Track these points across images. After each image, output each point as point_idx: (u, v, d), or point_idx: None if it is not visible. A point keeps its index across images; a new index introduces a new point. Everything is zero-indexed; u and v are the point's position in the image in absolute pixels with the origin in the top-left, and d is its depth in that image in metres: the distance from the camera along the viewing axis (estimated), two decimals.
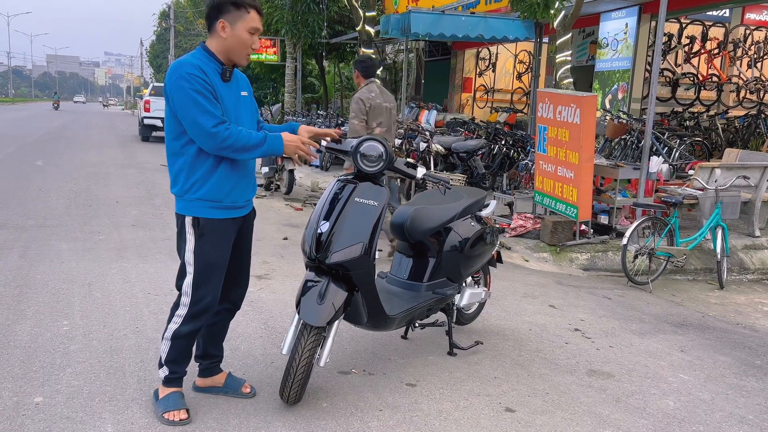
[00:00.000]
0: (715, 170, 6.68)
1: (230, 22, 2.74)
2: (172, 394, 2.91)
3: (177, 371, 2.92)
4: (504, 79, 17.10)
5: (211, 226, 2.80)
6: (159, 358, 2.93)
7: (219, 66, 2.78)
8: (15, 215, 7.17)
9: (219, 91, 2.74)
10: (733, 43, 13.10)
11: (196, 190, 2.77)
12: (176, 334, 2.85)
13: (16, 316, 4.02)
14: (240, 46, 2.77)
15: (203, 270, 2.82)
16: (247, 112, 2.94)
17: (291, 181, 9.72)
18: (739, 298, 5.94)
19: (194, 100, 2.64)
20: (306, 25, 17.10)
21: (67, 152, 14.73)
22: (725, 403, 3.45)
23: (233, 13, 2.73)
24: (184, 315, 2.84)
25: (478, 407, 3.18)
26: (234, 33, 2.75)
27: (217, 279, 2.88)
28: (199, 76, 2.66)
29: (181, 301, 2.85)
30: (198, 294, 2.83)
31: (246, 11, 2.75)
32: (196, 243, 2.80)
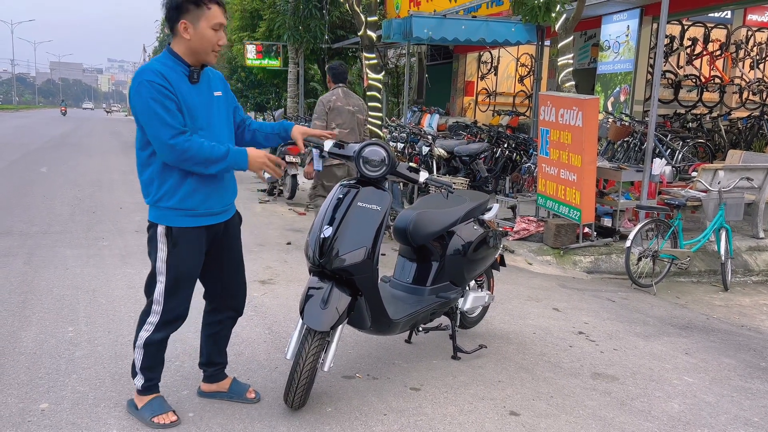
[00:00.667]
0: (718, 172, 6.67)
1: (192, 22, 2.63)
2: (154, 400, 2.91)
3: (153, 378, 2.91)
4: (506, 82, 17.12)
5: (185, 235, 2.74)
6: (132, 367, 2.90)
7: (185, 68, 2.68)
8: (19, 222, 7.20)
9: (186, 96, 2.65)
10: (735, 44, 13.10)
11: (168, 199, 2.70)
12: (148, 342, 2.81)
13: (21, 323, 4.03)
14: (205, 45, 2.66)
15: (175, 279, 2.77)
16: (221, 113, 2.85)
17: (294, 186, 9.74)
18: (743, 300, 5.92)
19: (152, 109, 2.55)
20: (308, 31, 17.14)
21: (70, 159, 14.79)
22: (730, 405, 3.44)
23: (194, 12, 2.62)
24: (156, 323, 2.80)
25: (483, 411, 3.18)
26: (197, 32, 2.64)
27: (190, 287, 2.85)
28: (159, 83, 2.57)
29: (153, 309, 2.80)
30: (170, 302, 2.79)
31: (207, 8, 2.63)
32: (169, 253, 2.74)
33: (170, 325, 2.84)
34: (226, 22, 2.72)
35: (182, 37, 2.66)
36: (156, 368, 2.91)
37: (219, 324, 3.08)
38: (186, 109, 2.66)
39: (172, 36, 2.71)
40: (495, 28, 10.85)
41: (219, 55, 2.77)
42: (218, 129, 2.80)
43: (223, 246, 2.93)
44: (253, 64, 20.42)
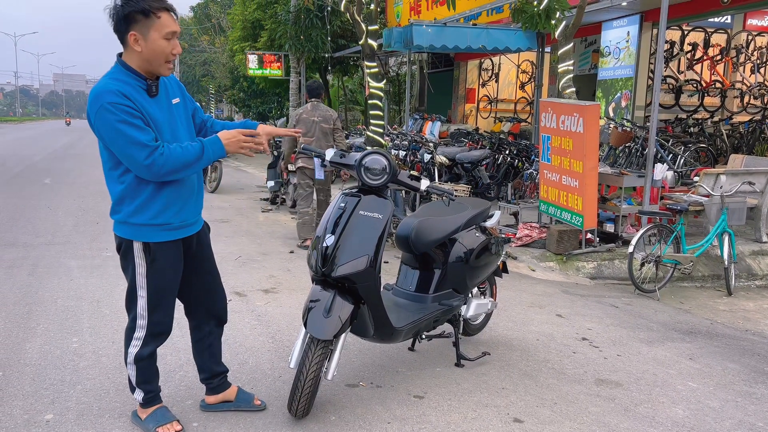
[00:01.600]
0: (720, 176, 6.67)
1: (142, 33, 2.50)
2: (157, 410, 2.91)
3: (151, 390, 2.91)
4: (507, 89, 17.15)
5: (162, 249, 2.71)
6: (129, 383, 2.90)
7: (143, 82, 2.58)
8: (24, 233, 7.23)
9: (148, 110, 2.57)
10: (735, 49, 13.12)
11: (143, 215, 2.65)
12: (138, 357, 2.80)
13: (26, 334, 4.05)
14: (158, 56, 2.54)
15: (156, 293, 2.75)
16: (183, 121, 2.79)
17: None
18: (747, 304, 5.91)
19: (121, 132, 2.46)
20: (309, 40, 17.23)
21: (74, 170, 14.85)
22: (735, 410, 3.43)
23: (143, 22, 2.48)
24: (142, 337, 2.78)
25: (487, 418, 3.18)
26: (148, 44, 2.51)
27: (171, 299, 2.84)
28: (122, 103, 2.46)
29: (138, 324, 2.78)
30: (154, 316, 2.77)
31: (156, 17, 2.49)
32: (148, 268, 2.71)
33: (157, 338, 2.83)
34: (179, 29, 2.59)
35: (133, 50, 2.53)
36: (152, 380, 2.90)
37: (208, 336, 3.06)
38: (152, 124, 2.58)
39: (123, 46, 2.58)
40: (495, 36, 10.91)
41: (171, 67, 2.64)
42: (183, 139, 2.73)
43: (196, 256, 2.90)
44: (255, 74, 20.52)
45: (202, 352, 3.08)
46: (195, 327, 3.06)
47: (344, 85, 23.72)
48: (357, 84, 23.71)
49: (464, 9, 12.65)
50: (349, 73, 22.09)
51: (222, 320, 3.10)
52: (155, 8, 2.49)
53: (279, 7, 17.98)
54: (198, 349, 3.08)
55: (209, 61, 31.80)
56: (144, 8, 2.47)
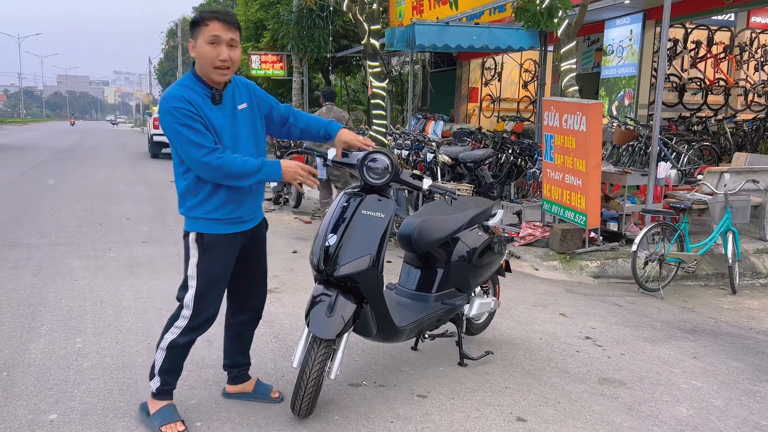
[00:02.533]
0: (724, 175, 6.65)
1: (195, 40, 2.72)
2: (165, 408, 2.94)
3: (169, 382, 2.95)
4: (510, 88, 17.13)
5: (214, 241, 2.83)
6: (151, 368, 2.95)
7: (207, 90, 2.75)
8: (28, 234, 7.26)
9: (209, 117, 2.72)
10: (739, 46, 13.07)
11: (199, 209, 2.80)
12: (173, 344, 2.87)
13: (30, 334, 4.06)
14: (204, 61, 2.69)
15: (206, 285, 2.85)
16: (247, 127, 2.90)
17: (299, 195, 9.78)
18: (752, 302, 5.89)
19: (181, 133, 2.64)
20: (312, 40, 17.25)
21: (78, 171, 14.90)
22: (739, 409, 3.42)
23: (196, 30, 2.71)
24: (183, 327, 2.87)
25: (490, 417, 3.17)
26: (197, 50, 2.71)
27: (219, 293, 2.94)
28: (184, 107, 2.64)
29: (182, 313, 2.87)
30: (199, 307, 2.86)
31: (204, 24, 2.68)
32: (200, 258, 2.83)
33: (197, 329, 2.91)
34: (228, 36, 2.69)
35: (193, 56, 2.76)
36: (174, 373, 2.96)
37: (240, 325, 3.18)
38: (213, 130, 2.73)
39: None
40: (498, 35, 10.89)
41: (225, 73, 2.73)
42: (244, 145, 2.86)
43: (248, 251, 3.01)
44: (258, 74, 20.55)
45: (232, 338, 3.20)
46: (231, 313, 3.19)
47: (347, 85, 23.73)
48: (359, 84, 23.72)
49: (466, 8, 12.64)
50: (351, 73, 22.10)
51: (258, 314, 3.22)
52: (206, 17, 2.70)
53: (281, 7, 18.02)
54: (229, 333, 3.21)
55: None
56: (197, 18, 2.73)
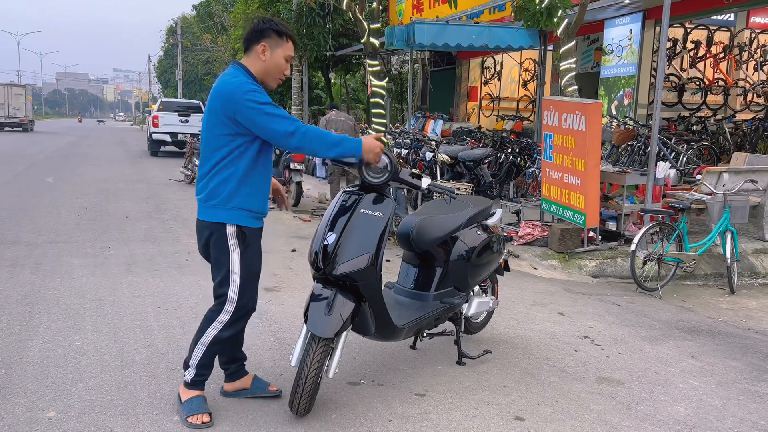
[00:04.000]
0: (722, 174, 6.66)
1: (271, 47, 2.94)
2: (196, 398, 3.02)
3: (204, 374, 3.06)
4: (509, 87, 17.12)
5: (253, 235, 2.98)
6: (187, 360, 3.02)
7: (258, 87, 2.92)
8: (26, 232, 7.25)
9: None
10: (738, 46, 13.07)
11: (242, 200, 2.91)
12: (217, 339, 2.98)
13: (28, 332, 4.06)
14: (276, 70, 2.97)
15: (248, 277, 2.97)
16: None
17: (299, 193, 9.77)
18: (750, 302, 5.90)
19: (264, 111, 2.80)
20: (311, 38, 17.23)
21: (77, 169, 14.89)
22: (737, 408, 3.43)
23: (274, 39, 2.94)
24: (227, 320, 2.96)
25: (488, 416, 3.18)
26: (273, 57, 2.95)
27: (257, 284, 3.08)
28: (258, 90, 2.85)
29: (225, 308, 2.96)
30: (243, 300, 2.97)
31: (285, 40, 2.96)
32: (242, 253, 2.93)
33: (240, 321, 3.02)
34: (294, 58, 3.05)
35: (258, 58, 2.95)
36: (209, 366, 3.05)
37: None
38: None
39: (245, 54, 3.00)
40: (497, 34, 10.88)
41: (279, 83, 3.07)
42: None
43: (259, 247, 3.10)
44: None
45: None
46: None
47: (346, 84, 23.71)
48: (359, 82, 23.71)
49: (466, 7, 12.63)
50: (351, 72, 22.08)
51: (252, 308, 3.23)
52: (287, 33, 2.99)
53: (281, 5, 17.98)
54: None
55: (211, 59, 31.81)
56: (279, 30, 2.97)
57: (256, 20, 3.04)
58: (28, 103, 36.38)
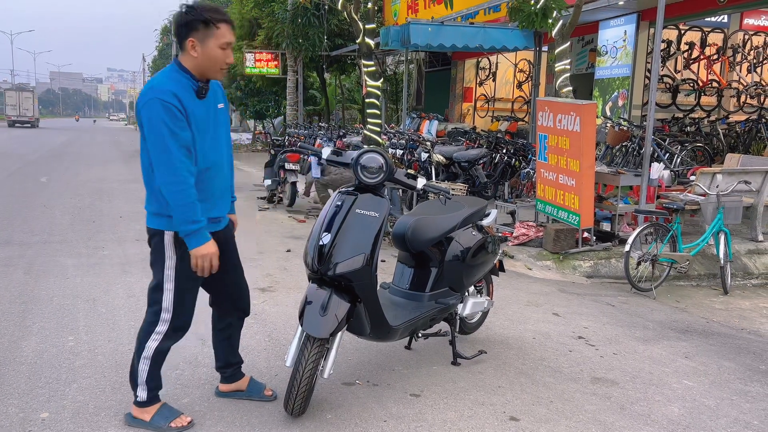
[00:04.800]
0: (716, 175, 6.68)
1: (200, 41, 2.67)
2: (162, 408, 2.95)
3: (157, 386, 2.95)
4: (504, 88, 17.15)
5: None
6: (133, 378, 2.89)
7: (194, 84, 2.73)
8: (20, 232, 7.21)
9: (194, 110, 2.70)
10: (732, 48, 13.13)
11: None
12: (158, 351, 2.84)
13: (21, 333, 4.04)
14: (212, 63, 2.72)
15: (184, 287, 2.81)
16: (225, 126, 2.96)
17: (294, 194, 9.76)
18: (743, 303, 5.92)
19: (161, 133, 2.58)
20: (306, 39, 17.22)
21: (71, 168, 14.82)
22: (730, 408, 3.44)
23: (202, 31, 2.66)
24: (165, 331, 2.83)
25: (483, 417, 3.18)
26: (205, 51, 2.68)
27: (196, 293, 2.92)
28: (171, 103, 2.59)
29: (161, 318, 2.82)
30: (181, 309, 2.84)
31: (215, 27, 2.67)
32: (179, 261, 2.78)
33: (179, 332, 2.90)
34: (234, 40, 2.77)
35: (190, 55, 2.70)
36: (158, 377, 2.95)
37: (229, 327, 3.18)
38: (194, 123, 2.71)
39: (180, 50, 2.74)
40: (493, 35, 10.90)
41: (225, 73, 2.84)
42: (221, 141, 2.90)
43: (224, 252, 2.94)
44: (252, 72, 20.49)
45: (223, 340, 3.19)
46: (220, 317, 3.18)
47: (341, 84, 23.70)
48: (354, 82, 23.71)
49: (461, 8, 12.64)
50: (346, 72, 22.08)
51: (245, 313, 3.21)
52: (216, 19, 2.67)
53: (276, 5, 17.97)
54: (219, 337, 3.19)
55: None
56: (205, 18, 2.65)
57: (179, 10, 2.71)
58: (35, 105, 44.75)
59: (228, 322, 3.16)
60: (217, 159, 2.86)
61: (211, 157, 2.81)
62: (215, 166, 2.85)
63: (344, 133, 13.87)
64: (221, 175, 2.90)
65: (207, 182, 2.80)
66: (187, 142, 2.66)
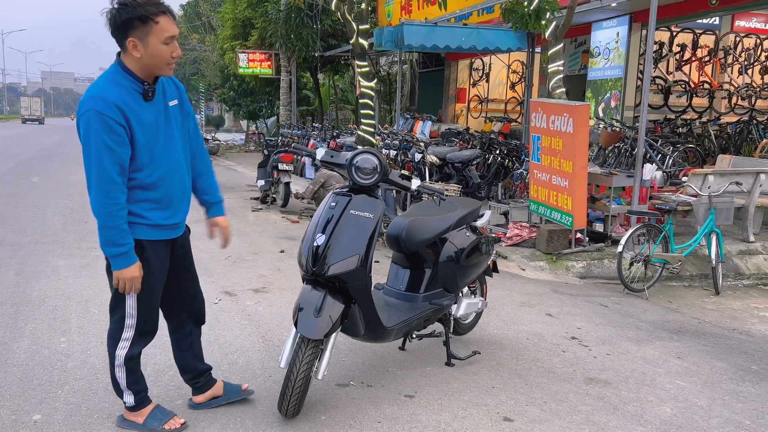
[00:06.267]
0: (708, 176, 6.73)
1: (140, 39, 2.47)
2: (155, 410, 2.91)
3: (142, 389, 2.89)
4: (498, 89, 17.19)
5: (153, 247, 2.71)
6: (116, 386, 2.85)
7: (139, 86, 2.56)
8: (11, 232, 7.17)
9: (139, 115, 2.56)
10: (723, 50, 13.23)
11: (139, 210, 2.65)
12: (129, 357, 2.76)
13: (13, 334, 4.02)
14: (158, 61, 2.53)
15: (146, 292, 2.72)
16: (179, 125, 2.78)
17: (287, 194, 9.74)
18: (734, 303, 5.96)
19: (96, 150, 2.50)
20: (300, 39, 17.20)
21: (62, 168, 14.73)
22: (722, 408, 3.46)
23: (141, 28, 2.46)
24: (131, 337, 2.75)
25: (477, 417, 3.19)
26: (148, 51, 2.49)
27: (158, 297, 2.83)
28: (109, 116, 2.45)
29: (126, 324, 2.74)
30: (145, 312, 2.76)
31: (154, 22, 2.46)
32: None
33: (146, 336, 2.82)
34: (178, 32, 2.57)
35: (132, 55, 2.51)
36: (141, 380, 2.89)
37: (189, 336, 3.06)
38: (143, 129, 2.58)
39: (121, 50, 2.56)
40: (486, 36, 10.93)
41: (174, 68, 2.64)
42: (176, 142, 2.74)
43: (181, 259, 2.90)
44: (246, 72, 20.45)
45: (185, 351, 3.07)
46: (176, 328, 3.05)
47: (335, 84, 23.69)
48: (348, 83, 23.69)
49: (455, 9, 12.67)
50: (340, 72, 22.07)
51: (201, 320, 3.11)
52: (153, 13, 2.45)
53: (269, 5, 17.93)
54: (180, 348, 3.07)
55: (199, 59, 31.65)
56: (142, 14, 2.44)
57: (112, 8, 2.47)
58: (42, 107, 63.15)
59: (186, 331, 3.04)
60: (173, 162, 2.71)
61: (166, 162, 2.68)
62: (172, 170, 2.71)
63: (338, 133, 13.87)
64: (179, 178, 2.76)
65: (165, 189, 2.69)
66: (123, 159, 2.53)
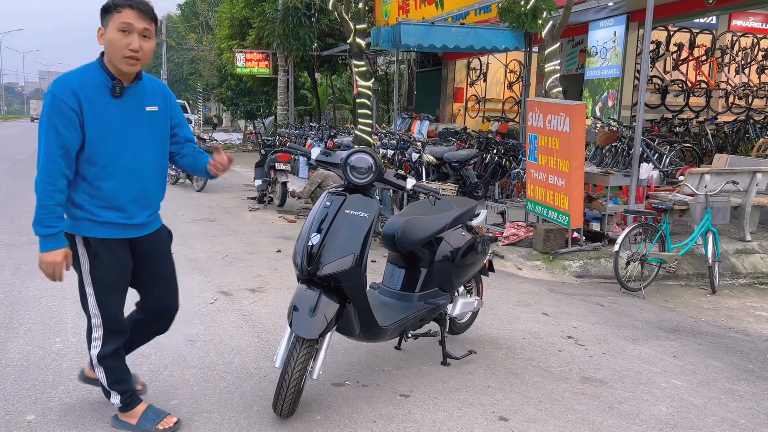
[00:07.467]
0: (704, 176, 6.73)
1: (105, 27, 2.55)
2: (148, 410, 2.90)
3: (127, 389, 2.86)
4: (495, 88, 17.20)
5: (104, 246, 2.66)
6: (101, 388, 2.84)
7: (109, 81, 2.57)
8: (6, 232, 7.15)
9: (102, 110, 2.55)
10: (720, 49, 13.24)
11: (89, 208, 2.62)
12: (101, 356, 2.74)
13: (8, 334, 4.00)
14: (112, 49, 2.52)
15: (103, 291, 2.70)
16: (154, 130, 2.73)
17: (284, 194, 9.73)
18: (731, 302, 5.97)
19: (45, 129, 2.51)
20: (297, 39, 17.20)
21: None
22: (718, 407, 3.46)
23: (106, 18, 2.53)
24: (101, 336, 2.73)
25: (472, 417, 3.18)
26: (106, 37, 2.53)
27: (120, 297, 2.79)
28: (65, 101, 2.48)
29: (93, 323, 2.73)
30: (107, 313, 2.72)
31: (116, 11, 2.50)
32: (91, 264, 2.67)
33: (116, 335, 2.76)
34: (142, 26, 2.53)
35: (101, 45, 2.58)
36: (125, 380, 2.85)
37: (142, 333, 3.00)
38: (100, 122, 2.55)
39: None
40: (483, 35, 10.92)
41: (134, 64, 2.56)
42: (144, 146, 2.69)
43: (146, 263, 2.83)
44: (243, 72, 20.44)
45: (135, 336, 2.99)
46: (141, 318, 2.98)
47: (332, 84, 23.68)
48: (345, 83, 23.70)
49: (452, 8, 12.67)
50: (337, 72, 22.07)
51: (163, 330, 3.04)
52: (119, 4, 2.51)
53: (267, 5, 17.93)
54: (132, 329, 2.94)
55: (197, 59, 31.65)
56: (109, 4, 2.52)
57: None
58: None
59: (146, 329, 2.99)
60: (131, 165, 2.65)
61: (122, 162, 2.62)
62: (129, 172, 2.65)
63: (335, 133, 13.85)
64: (138, 182, 2.68)
65: (114, 190, 2.63)
66: (69, 144, 2.52)
